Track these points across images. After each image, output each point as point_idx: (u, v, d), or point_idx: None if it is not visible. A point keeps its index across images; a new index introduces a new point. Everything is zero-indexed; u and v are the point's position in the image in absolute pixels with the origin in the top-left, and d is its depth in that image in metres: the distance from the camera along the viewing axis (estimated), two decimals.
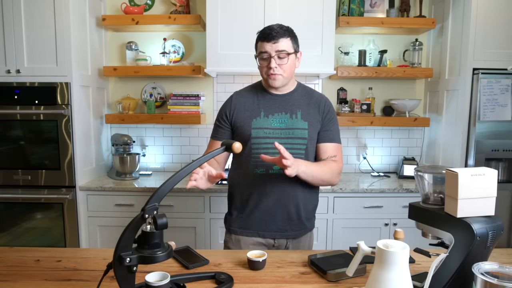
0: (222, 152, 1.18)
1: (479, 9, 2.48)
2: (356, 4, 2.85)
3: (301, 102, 1.64)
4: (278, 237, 1.63)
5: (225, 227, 1.72)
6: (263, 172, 1.58)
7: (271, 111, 1.61)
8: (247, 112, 1.62)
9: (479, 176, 1.03)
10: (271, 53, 1.52)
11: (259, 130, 1.58)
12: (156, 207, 0.97)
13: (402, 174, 2.94)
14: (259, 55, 1.56)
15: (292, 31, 1.58)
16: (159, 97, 3.10)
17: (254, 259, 1.28)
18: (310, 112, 1.62)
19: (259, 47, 1.56)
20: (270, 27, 1.53)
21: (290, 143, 1.57)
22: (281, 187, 1.58)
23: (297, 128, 1.59)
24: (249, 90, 1.70)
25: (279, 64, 1.54)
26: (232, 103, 1.67)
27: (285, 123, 1.59)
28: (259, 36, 1.57)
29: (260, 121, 1.59)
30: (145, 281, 1.02)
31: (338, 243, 2.61)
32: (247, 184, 1.62)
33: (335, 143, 1.64)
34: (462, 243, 1.02)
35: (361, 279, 1.22)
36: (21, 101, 2.53)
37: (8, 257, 1.37)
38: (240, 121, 1.62)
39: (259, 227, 1.63)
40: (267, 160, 1.42)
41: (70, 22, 2.47)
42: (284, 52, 1.52)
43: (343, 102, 3.01)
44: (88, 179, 2.73)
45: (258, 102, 1.63)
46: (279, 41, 1.51)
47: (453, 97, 2.70)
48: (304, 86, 1.72)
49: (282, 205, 1.60)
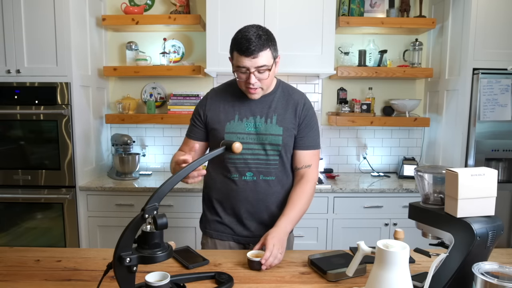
0: (222, 152, 1.18)
1: (479, 9, 2.48)
2: (356, 4, 2.85)
3: (279, 104, 1.54)
4: (252, 242, 1.57)
5: (201, 228, 1.68)
6: (236, 178, 1.53)
7: (245, 114, 1.52)
8: (222, 114, 1.54)
9: (479, 176, 1.03)
10: (250, 69, 1.40)
11: (232, 134, 1.51)
12: (156, 207, 0.97)
13: (402, 174, 2.94)
14: (237, 69, 1.43)
15: (271, 36, 1.44)
16: (159, 97, 3.10)
17: (254, 259, 1.27)
18: (287, 117, 1.53)
19: (236, 59, 1.42)
20: (248, 38, 1.37)
21: (263, 149, 1.52)
22: (254, 194, 1.53)
23: (271, 134, 1.51)
24: (225, 89, 1.60)
25: (259, 79, 1.43)
26: (207, 102, 1.58)
27: (259, 128, 1.51)
28: (235, 46, 1.41)
29: (234, 125, 1.52)
30: (145, 281, 1.01)
31: (338, 243, 2.61)
32: (220, 189, 1.57)
33: (311, 150, 1.56)
34: (462, 243, 1.02)
35: (361, 279, 1.22)
36: (21, 101, 2.53)
37: (8, 257, 1.36)
38: (214, 123, 1.54)
39: (232, 232, 1.59)
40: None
41: (70, 22, 2.47)
42: (264, 67, 1.40)
43: (343, 102, 3.01)
44: (88, 179, 2.73)
45: (233, 104, 1.55)
46: (258, 56, 1.38)
47: (453, 97, 2.70)
48: (284, 85, 1.60)
49: (255, 212, 1.55)
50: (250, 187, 1.53)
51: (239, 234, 1.59)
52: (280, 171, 1.56)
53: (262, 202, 1.54)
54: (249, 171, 1.52)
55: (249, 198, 1.54)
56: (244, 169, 1.52)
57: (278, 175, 1.55)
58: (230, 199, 1.56)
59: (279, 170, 1.55)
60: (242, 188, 1.53)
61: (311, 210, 2.53)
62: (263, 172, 1.53)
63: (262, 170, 1.53)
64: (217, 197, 1.60)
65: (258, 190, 1.53)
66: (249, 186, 1.53)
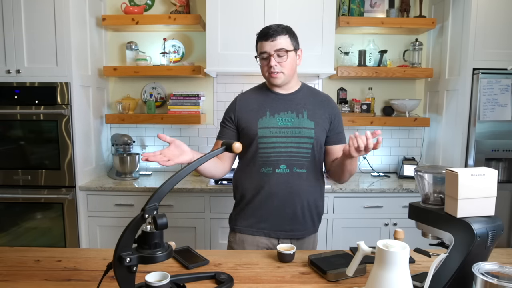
0: (222, 152, 1.18)
1: (479, 9, 2.48)
2: (356, 4, 2.85)
3: (307, 101, 1.64)
4: (282, 237, 1.63)
5: (230, 226, 1.72)
6: (270, 171, 1.59)
7: (276, 110, 1.61)
8: (252, 112, 1.62)
9: (479, 176, 1.03)
10: (270, 52, 1.54)
11: (266, 129, 1.59)
12: (156, 207, 0.97)
13: (402, 174, 2.94)
14: (259, 55, 1.58)
15: (291, 29, 1.60)
16: (159, 97, 3.10)
17: (285, 252, 1.33)
18: (316, 112, 1.63)
19: (259, 47, 1.58)
20: (268, 27, 1.55)
21: (296, 142, 1.58)
22: (287, 186, 1.58)
23: (304, 127, 1.59)
24: (253, 91, 1.71)
25: (279, 62, 1.55)
26: (236, 105, 1.67)
27: (291, 122, 1.59)
28: (258, 36, 1.59)
29: (266, 121, 1.60)
30: (145, 281, 1.02)
31: (338, 243, 2.61)
32: (253, 183, 1.62)
33: (346, 143, 1.67)
34: (462, 243, 1.02)
35: (361, 279, 1.22)
36: (21, 101, 2.53)
37: (8, 257, 1.37)
38: (246, 121, 1.62)
39: (264, 227, 1.62)
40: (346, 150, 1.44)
41: (70, 22, 2.47)
42: (282, 50, 1.53)
43: (343, 102, 3.01)
44: (88, 179, 2.73)
45: (263, 102, 1.64)
46: (277, 39, 1.53)
47: (453, 97, 2.70)
48: (308, 86, 1.73)
49: (288, 205, 1.60)
50: (283, 180, 1.58)
51: (270, 229, 1.62)
52: (311, 164, 1.62)
53: (295, 194, 1.59)
54: (283, 163, 1.57)
55: (282, 190, 1.59)
56: (278, 162, 1.57)
57: (310, 168, 1.61)
58: (263, 193, 1.60)
59: (310, 163, 1.61)
60: (276, 181, 1.58)
61: None
62: (296, 165, 1.59)
63: (295, 162, 1.58)
64: (250, 192, 1.63)
65: (292, 182, 1.58)
66: (283, 179, 1.58)
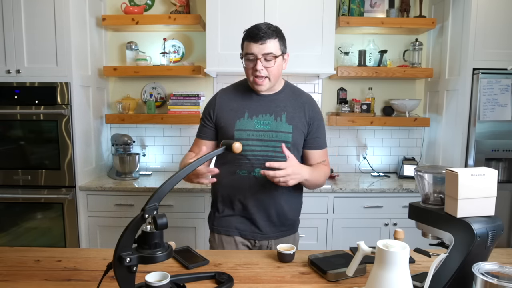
0: (222, 152, 1.18)
1: (479, 9, 2.48)
2: (356, 4, 2.85)
3: (287, 103, 1.59)
4: (259, 239, 1.61)
5: (209, 225, 1.71)
6: (245, 174, 1.56)
7: (255, 112, 1.57)
8: (232, 112, 1.58)
9: (479, 176, 1.03)
10: (257, 55, 1.46)
11: (242, 132, 1.55)
12: (156, 207, 0.97)
13: (402, 174, 2.94)
14: (245, 56, 1.50)
15: (280, 32, 1.52)
16: (159, 97, 3.10)
17: (285, 252, 1.33)
18: (296, 116, 1.58)
19: (246, 47, 1.50)
20: (258, 27, 1.47)
21: (273, 146, 1.55)
22: (263, 190, 1.56)
23: (281, 131, 1.55)
24: (234, 89, 1.65)
25: (266, 67, 1.48)
26: (216, 102, 1.62)
27: (269, 125, 1.55)
28: (245, 35, 1.50)
29: (244, 123, 1.56)
30: (145, 281, 1.01)
31: (338, 243, 2.61)
32: (229, 185, 1.59)
33: (323, 149, 1.67)
34: (462, 243, 1.02)
35: (361, 279, 1.22)
36: (21, 101, 2.52)
37: (8, 257, 1.36)
38: (224, 121, 1.58)
39: (240, 227, 1.61)
40: (266, 173, 1.39)
41: (70, 22, 2.47)
42: (271, 55, 1.47)
43: (343, 102, 3.01)
44: (88, 179, 2.73)
45: (242, 102, 1.59)
46: (266, 43, 1.46)
47: (453, 97, 2.70)
48: (291, 86, 1.67)
49: (263, 208, 1.58)
50: (259, 183, 1.55)
51: (246, 230, 1.61)
52: None
53: (271, 198, 1.57)
54: (258, 167, 1.54)
55: (258, 194, 1.57)
56: (253, 166, 1.55)
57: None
58: (238, 195, 1.58)
59: None
60: (251, 184, 1.56)
61: (311, 210, 2.57)
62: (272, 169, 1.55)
63: None
64: (226, 194, 1.62)
65: (267, 186, 1.55)
66: (259, 182, 1.55)
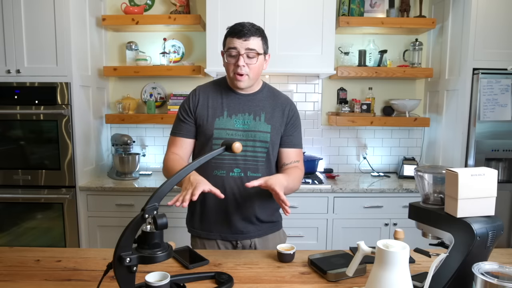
0: (222, 152, 1.18)
1: (479, 9, 2.48)
2: (356, 4, 2.85)
3: (266, 103, 1.58)
4: (240, 239, 1.59)
5: (188, 229, 1.67)
6: (223, 174, 1.53)
7: (234, 111, 1.55)
8: (211, 110, 1.56)
9: (479, 176, 1.03)
10: (240, 50, 1.46)
11: (222, 131, 1.53)
12: (156, 207, 0.97)
13: (402, 174, 2.94)
14: (227, 51, 1.49)
15: (263, 32, 1.53)
16: (159, 97, 3.10)
17: (285, 252, 1.33)
18: (274, 115, 1.57)
19: (228, 42, 1.49)
20: (242, 24, 1.47)
21: (252, 146, 1.54)
22: (241, 190, 1.53)
23: (260, 131, 1.54)
24: (213, 86, 1.62)
25: (247, 64, 1.48)
26: (195, 98, 1.59)
27: (248, 125, 1.54)
28: (229, 31, 1.50)
29: (223, 121, 1.54)
30: (145, 281, 1.01)
31: (338, 243, 2.61)
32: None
33: (297, 148, 1.63)
34: (462, 243, 1.02)
35: (361, 279, 1.22)
36: (21, 101, 2.52)
37: (8, 257, 1.36)
38: (203, 118, 1.56)
39: (220, 230, 1.58)
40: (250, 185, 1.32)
41: (70, 22, 2.47)
42: (254, 51, 1.47)
43: (343, 102, 3.01)
44: (88, 179, 2.73)
45: (222, 101, 1.57)
46: (249, 39, 1.46)
47: (453, 97, 2.70)
48: (269, 87, 1.66)
49: (240, 208, 1.55)
50: (237, 184, 1.54)
51: (226, 232, 1.58)
52: (267, 168, 1.58)
53: (248, 198, 1.55)
54: (236, 167, 1.53)
55: (236, 194, 1.54)
56: (231, 166, 1.53)
57: (264, 172, 1.57)
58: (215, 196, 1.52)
59: (265, 167, 1.58)
60: (229, 184, 1.54)
61: (311, 210, 2.57)
62: (250, 169, 1.54)
63: (250, 166, 1.54)
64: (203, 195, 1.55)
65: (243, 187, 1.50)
66: (236, 183, 1.53)
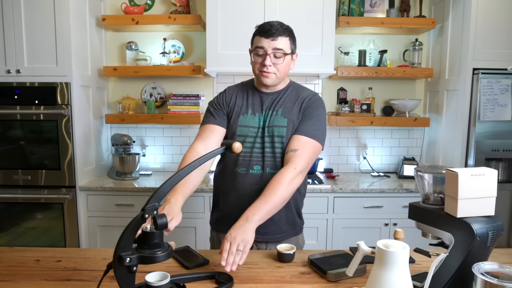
0: (222, 152, 1.18)
1: (479, 9, 2.48)
2: (356, 4, 2.85)
3: (287, 99, 1.58)
4: (258, 240, 1.49)
5: (210, 224, 1.70)
6: (244, 171, 1.54)
7: (258, 109, 1.58)
8: (237, 108, 1.59)
9: (479, 176, 1.03)
10: (267, 50, 1.46)
11: (245, 128, 1.56)
12: (156, 207, 0.97)
13: (402, 174, 2.94)
14: (255, 50, 1.50)
15: (292, 31, 1.53)
16: (159, 97, 3.10)
17: (285, 252, 1.33)
18: (293, 110, 1.56)
19: (256, 41, 1.50)
20: (270, 23, 1.48)
21: (269, 142, 1.54)
22: (260, 187, 1.49)
23: (276, 126, 1.54)
24: (240, 86, 1.67)
25: (274, 63, 1.48)
26: (225, 95, 1.64)
27: (266, 121, 1.55)
28: (257, 30, 1.51)
29: (247, 119, 1.56)
30: (145, 281, 1.01)
31: (338, 243, 2.61)
32: (228, 183, 1.58)
33: (304, 136, 1.50)
34: (462, 243, 1.02)
35: (361, 279, 1.22)
36: (21, 101, 2.52)
37: (8, 257, 1.36)
38: (230, 115, 1.60)
39: None
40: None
41: (70, 22, 2.47)
42: (281, 51, 1.47)
43: (343, 102, 3.01)
44: (88, 179, 2.73)
45: (247, 99, 1.60)
46: (277, 39, 1.46)
47: (453, 97, 2.70)
48: (295, 85, 1.64)
49: None
50: (256, 181, 1.53)
51: None
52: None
53: None
54: (256, 164, 1.54)
55: (256, 191, 1.52)
56: (251, 163, 1.54)
57: None
58: (236, 192, 1.56)
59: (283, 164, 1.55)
60: (249, 181, 1.54)
61: (311, 210, 2.56)
62: (269, 166, 1.54)
63: (269, 163, 1.54)
64: (225, 191, 1.60)
65: (265, 184, 1.49)
66: (256, 180, 1.53)
